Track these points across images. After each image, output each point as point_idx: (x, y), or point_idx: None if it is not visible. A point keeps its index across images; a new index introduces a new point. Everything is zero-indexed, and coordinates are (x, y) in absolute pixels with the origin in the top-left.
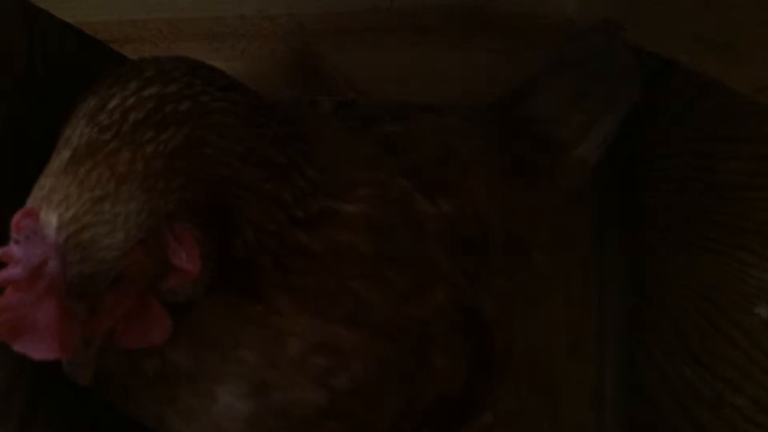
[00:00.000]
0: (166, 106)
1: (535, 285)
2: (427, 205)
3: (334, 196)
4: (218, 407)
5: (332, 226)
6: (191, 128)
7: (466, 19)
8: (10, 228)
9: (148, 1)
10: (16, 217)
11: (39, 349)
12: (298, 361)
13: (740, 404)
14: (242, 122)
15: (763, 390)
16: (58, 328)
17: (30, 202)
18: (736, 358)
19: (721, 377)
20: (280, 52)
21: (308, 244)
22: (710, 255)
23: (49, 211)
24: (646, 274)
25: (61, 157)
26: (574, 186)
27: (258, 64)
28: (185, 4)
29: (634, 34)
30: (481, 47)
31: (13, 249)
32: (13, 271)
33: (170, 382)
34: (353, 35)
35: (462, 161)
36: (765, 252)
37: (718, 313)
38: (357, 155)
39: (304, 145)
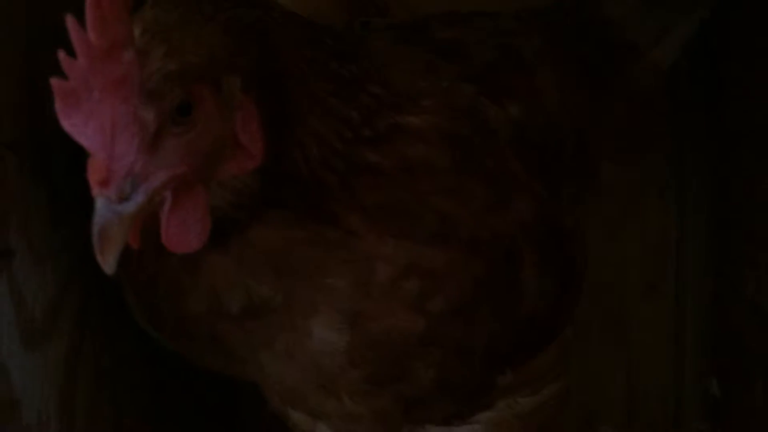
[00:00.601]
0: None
1: (605, 201)
2: (496, 110)
3: (400, 111)
4: (313, 342)
5: (402, 141)
6: (262, 12)
7: None
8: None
9: None
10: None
11: (86, 135)
12: (390, 287)
13: None
14: (302, 31)
15: None
16: (116, 119)
17: None
18: None
19: None
20: None
21: (378, 162)
22: None
23: (137, 18)
24: (732, 200)
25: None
26: (646, 92)
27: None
28: None
29: None
30: None
31: (91, 32)
32: (88, 42)
33: (260, 318)
34: None
35: (526, 63)
36: None
37: None
38: (413, 66)
39: (364, 61)
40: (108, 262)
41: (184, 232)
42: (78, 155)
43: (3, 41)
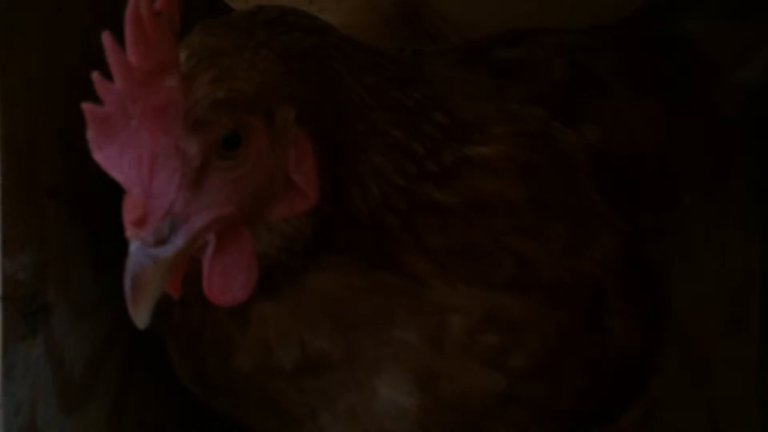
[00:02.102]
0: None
1: (685, 233)
2: (570, 134)
3: (467, 141)
4: (380, 404)
5: (471, 175)
6: (319, 37)
7: None
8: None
9: None
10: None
11: (121, 168)
12: (466, 342)
13: None
14: (362, 57)
15: None
16: (156, 151)
17: None
18: None
19: None
20: (379, 2)
21: (444, 200)
22: None
23: (183, 43)
24: None
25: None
26: (729, 115)
27: (353, 16)
28: None
29: None
30: None
31: (132, 52)
32: (127, 64)
33: (318, 376)
34: None
35: (601, 81)
36: None
37: None
38: (476, 89)
39: (425, 86)
40: (140, 314)
41: (228, 281)
42: (122, 200)
43: (40, 80)
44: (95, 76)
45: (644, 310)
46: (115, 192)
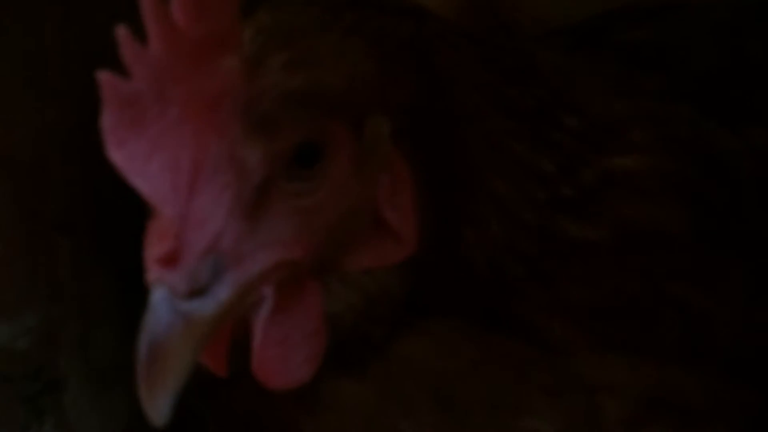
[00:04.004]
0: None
1: None
2: (730, 138)
3: (606, 150)
4: None
5: (615, 198)
6: (416, 22)
7: None
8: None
9: None
10: None
11: (147, 176)
12: None
13: None
14: (470, 47)
15: None
16: (201, 157)
17: None
18: None
19: None
20: None
21: (585, 235)
22: None
23: (249, 21)
24: None
25: None
26: None
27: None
28: None
29: None
30: None
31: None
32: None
33: None
34: None
35: (760, 66)
36: None
37: None
38: (602, 81)
39: (547, 80)
40: (159, 403)
41: (286, 355)
42: None
43: (49, 86)
44: (122, 32)
45: None
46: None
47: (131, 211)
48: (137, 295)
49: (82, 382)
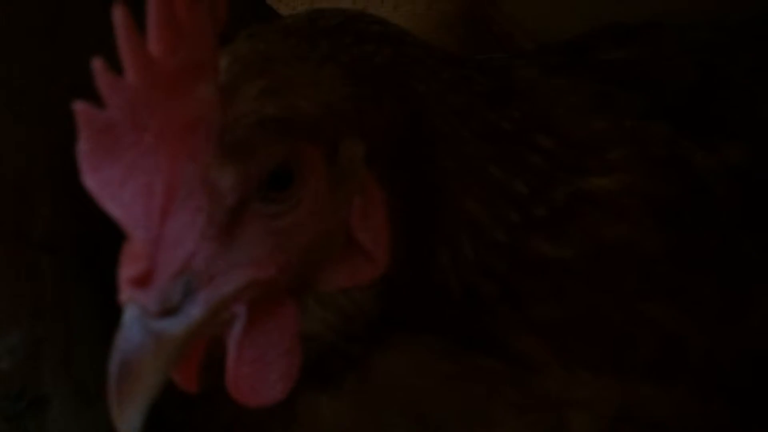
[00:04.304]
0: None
1: None
2: (706, 156)
3: (581, 171)
4: None
5: (591, 218)
6: (394, 49)
7: None
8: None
9: None
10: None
11: (121, 200)
12: None
13: None
14: (447, 70)
15: None
16: (175, 181)
17: None
18: None
19: None
20: (441, 6)
21: (556, 254)
22: None
23: (226, 50)
24: None
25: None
26: None
27: (413, 23)
28: None
29: None
30: None
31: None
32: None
33: None
34: None
35: (741, 86)
36: None
37: None
38: (580, 101)
39: (524, 100)
40: (127, 419)
41: (261, 372)
42: None
43: (35, 104)
44: (98, 64)
45: None
46: None
47: (114, 230)
48: (120, 312)
49: (65, 399)
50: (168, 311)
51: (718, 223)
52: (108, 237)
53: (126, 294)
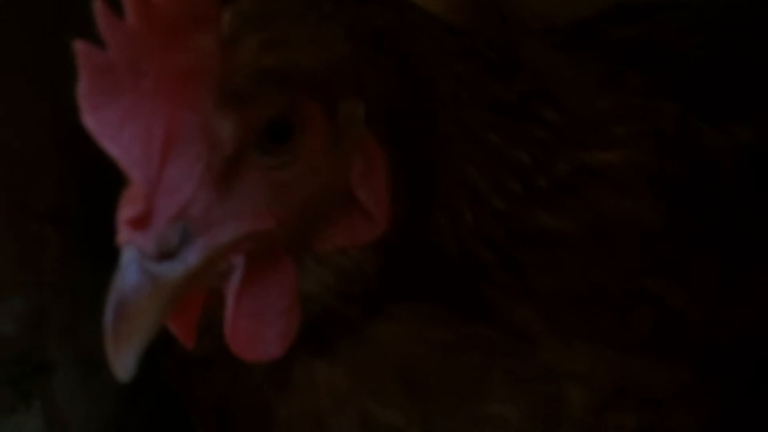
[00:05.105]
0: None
1: None
2: (716, 135)
3: (584, 145)
4: None
5: (592, 191)
6: (397, 12)
7: None
8: None
9: None
10: None
11: (119, 142)
12: (589, 423)
13: None
14: (451, 39)
15: None
16: (174, 127)
17: None
18: None
19: None
20: None
21: (556, 226)
22: None
23: (228, 6)
24: None
25: None
26: None
27: (424, 4)
28: None
29: None
30: None
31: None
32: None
33: None
34: None
35: (752, 66)
36: None
37: None
38: (588, 78)
39: (528, 74)
40: (123, 359)
41: (259, 327)
42: None
43: (38, 94)
44: (99, 5)
45: None
46: None
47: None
48: None
49: (70, 366)
50: (165, 255)
51: (723, 201)
52: (114, 209)
53: (124, 235)
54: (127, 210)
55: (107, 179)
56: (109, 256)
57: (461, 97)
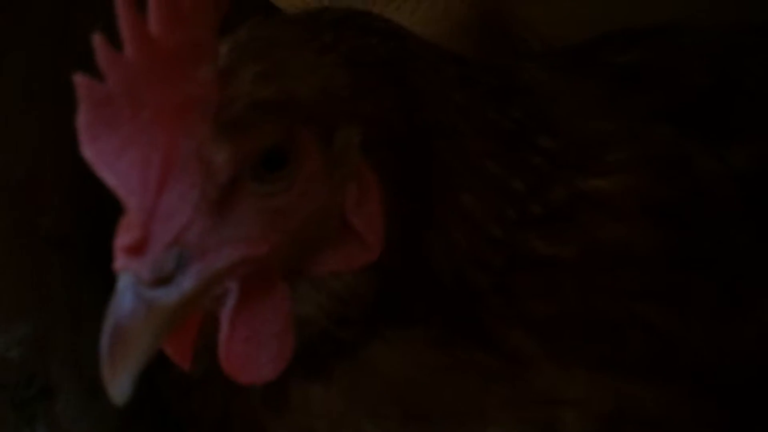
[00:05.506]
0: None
1: None
2: (711, 161)
3: (581, 171)
4: None
5: (588, 218)
6: (397, 43)
7: None
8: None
9: None
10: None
11: (117, 171)
12: None
13: None
14: (450, 67)
15: None
16: (171, 155)
17: None
18: None
19: None
20: (457, 11)
21: (552, 253)
22: None
23: (227, 38)
24: None
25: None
26: None
27: (430, 26)
28: None
29: None
30: None
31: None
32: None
33: None
34: None
35: (756, 91)
36: None
37: None
38: (585, 101)
39: (525, 101)
40: (119, 383)
41: (253, 350)
42: None
43: (46, 96)
44: (98, 39)
45: None
46: None
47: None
48: None
49: (73, 388)
50: (161, 281)
51: (717, 226)
52: (116, 232)
53: (121, 262)
54: (123, 237)
55: (110, 203)
56: (112, 280)
57: (459, 126)
